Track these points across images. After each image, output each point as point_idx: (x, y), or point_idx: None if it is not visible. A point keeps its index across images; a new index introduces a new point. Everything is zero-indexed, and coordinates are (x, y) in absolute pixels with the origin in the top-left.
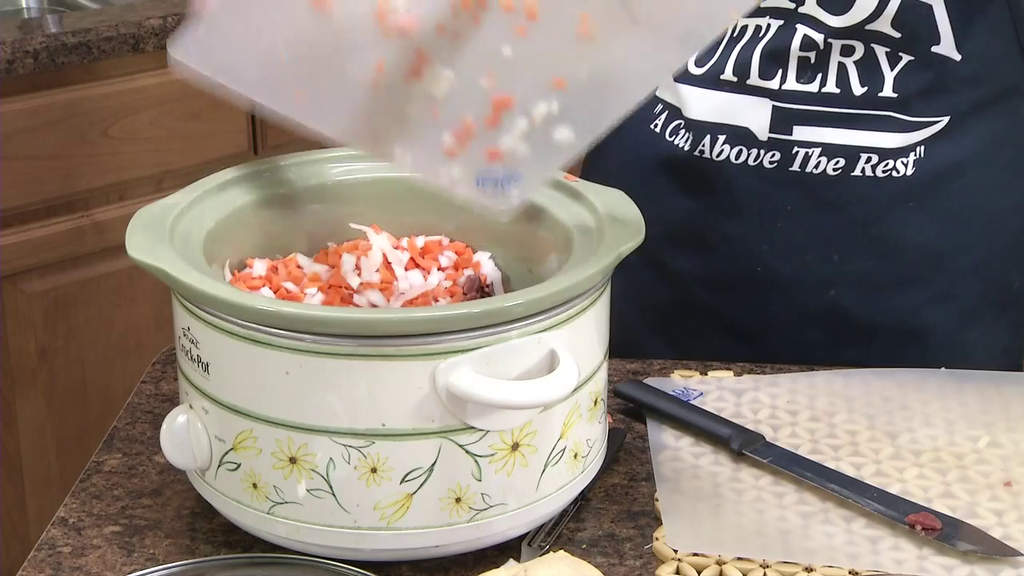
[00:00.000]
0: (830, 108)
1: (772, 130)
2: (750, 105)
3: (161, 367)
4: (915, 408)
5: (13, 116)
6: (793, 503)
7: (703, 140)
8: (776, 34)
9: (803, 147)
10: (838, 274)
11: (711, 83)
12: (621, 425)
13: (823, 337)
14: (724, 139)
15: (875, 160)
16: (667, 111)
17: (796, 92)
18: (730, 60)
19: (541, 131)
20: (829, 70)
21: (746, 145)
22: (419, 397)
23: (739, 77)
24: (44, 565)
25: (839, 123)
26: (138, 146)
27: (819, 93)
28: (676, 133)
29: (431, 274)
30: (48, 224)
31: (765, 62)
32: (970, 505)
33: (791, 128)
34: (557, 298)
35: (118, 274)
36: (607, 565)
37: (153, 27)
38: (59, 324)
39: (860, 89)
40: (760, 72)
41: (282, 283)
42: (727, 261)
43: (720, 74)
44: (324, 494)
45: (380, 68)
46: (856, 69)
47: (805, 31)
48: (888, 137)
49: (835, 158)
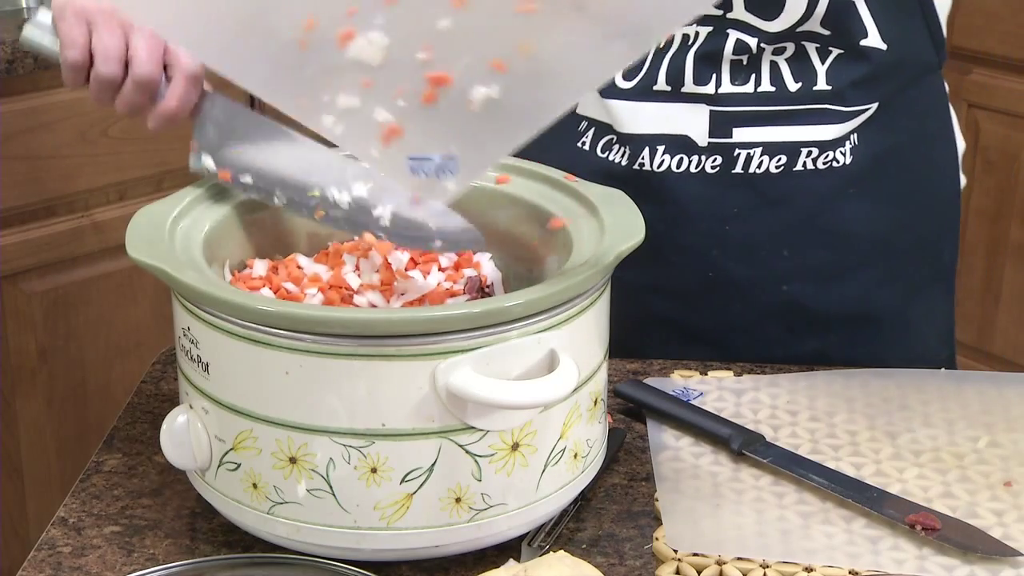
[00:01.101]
0: (767, 107)
1: (712, 135)
2: (687, 112)
3: (161, 367)
4: (915, 408)
5: (13, 116)
6: (793, 503)
7: (642, 153)
8: (707, 40)
9: (744, 148)
10: (790, 269)
11: (644, 95)
12: (621, 425)
13: (781, 333)
14: (664, 149)
15: (815, 153)
16: (594, 127)
17: (732, 95)
18: (661, 70)
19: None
20: (762, 70)
21: (687, 153)
22: (419, 397)
23: (673, 86)
24: (44, 565)
25: (777, 121)
26: (138, 146)
27: (755, 93)
28: (609, 149)
29: (431, 274)
30: (48, 224)
31: (698, 68)
32: (970, 505)
33: (731, 131)
34: (557, 298)
35: (118, 274)
36: (607, 565)
37: None
38: (59, 324)
39: (795, 85)
40: (694, 78)
41: (282, 283)
42: (679, 269)
43: (653, 85)
44: (324, 494)
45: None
46: (789, 67)
47: (737, 36)
48: (825, 129)
49: (776, 155)
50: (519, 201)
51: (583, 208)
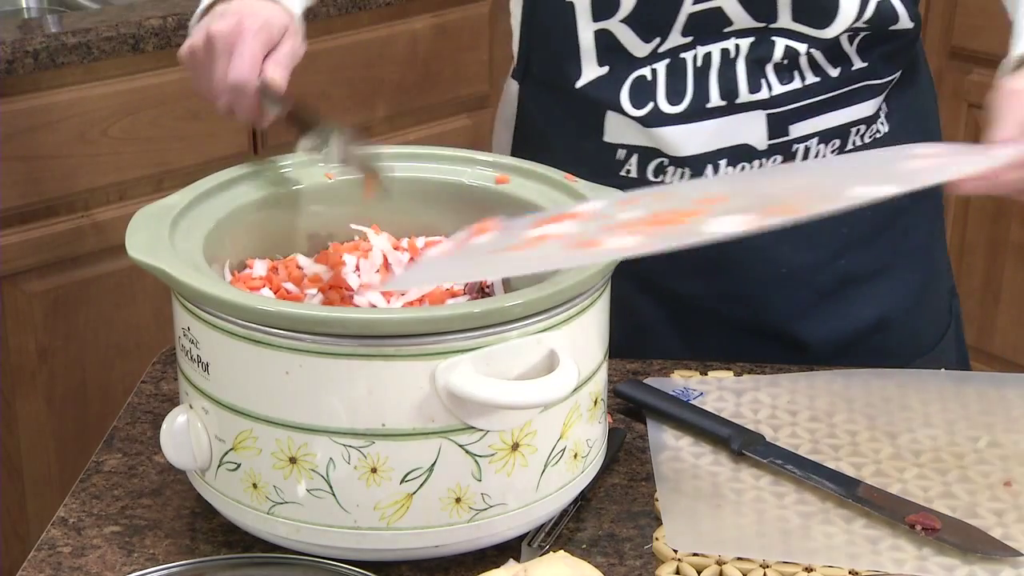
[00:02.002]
0: (816, 98)
1: (771, 137)
2: (744, 122)
3: (161, 367)
4: (915, 408)
5: (13, 116)
6: (793, 503)
7: (704, 171)
8: (751, 50)
9: (801, 142)
10: (845, 243)
11: (697, 115)
12: (621, 425)
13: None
14: (726, 162)
15: (863, 129)
16: (636, 154)
17: (784, 94)
18: (712, 87)
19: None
20: (802, 65)
21: (748, 160)
22: (419, 397)
23: (727, 100)
24: (44, 565)
25: (826, 108)
26: (138, 146)
27: (804, 88)
28: (663, 172)
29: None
30: (48, 224)
31: (749, 78)
32: (970, 505)
33: (787, 129)
34: (557, 298)
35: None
36: (607, 565)
37: (153, 27)
38: (59, 324)
39: (835, 71)
40: (748, 88)
41: (282, 283)
42: (749, 272)
43: (705, 103)
44: (324, 494)
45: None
46: (824, 56)
47: (786, 43)
48: (867, 105)
49: (830, 140)
50: (519, 201)
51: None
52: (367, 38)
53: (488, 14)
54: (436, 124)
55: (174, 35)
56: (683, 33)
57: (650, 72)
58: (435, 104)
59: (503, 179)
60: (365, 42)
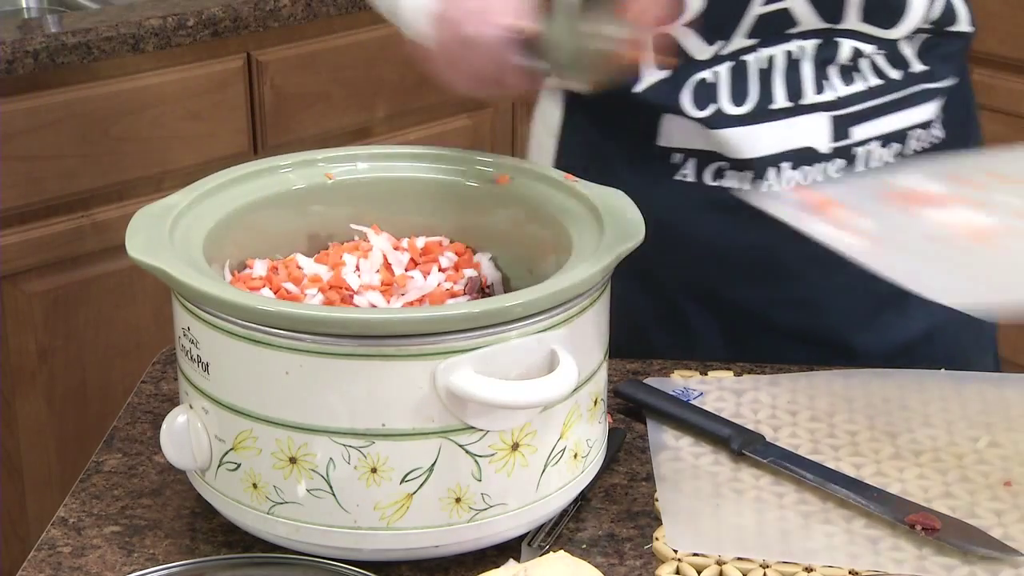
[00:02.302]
0: (877, 100)
1: (833, 140)
2: (808, 124)
3: (161, 367)
4: (915, 408)
5: (13, 116)
6: (793, 503)
7: (766, 174)
8: (816, 53)
9: (862, 145)
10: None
11: (761, 116)
12: (621, 425)
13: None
14: (790, 165)
15: (920, 134)
16: (695, 158)
17: (848, 96)
18: (777, 88)
19: None
20: (863, 67)
21: (810, 163)
22: (419, 397)
23: (793, 101)
24: (44, 565)
25: (887, 111)
26: (138, 146)
27: (868, 90)
28: (722, 176)
29: (431, 275)
30: (48, 224)
31: (816, 80)
32: (970, 505)
33: (849, 132)
34: (557, 298)
35: (118, 274)
36: (607, 565)
37: (153, 27)
38: (59, 324)
39: (895, 74)
40: (814, 89)
41: (282, 283)
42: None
43: (769, 104)
44: (324, 494)
45: None
46: (885, 59)
47: (853, 44)
48: (925, 109)
49: (890, 144)
50: (519, 201)
51: (583, 208)
52: (367, 38)
53: None
54: (436, 124)
55: (174, 35)
56: (747, 35)
57: (712, 75)
58: (435, 104)
59: (503, 179)
60: (365, 42)
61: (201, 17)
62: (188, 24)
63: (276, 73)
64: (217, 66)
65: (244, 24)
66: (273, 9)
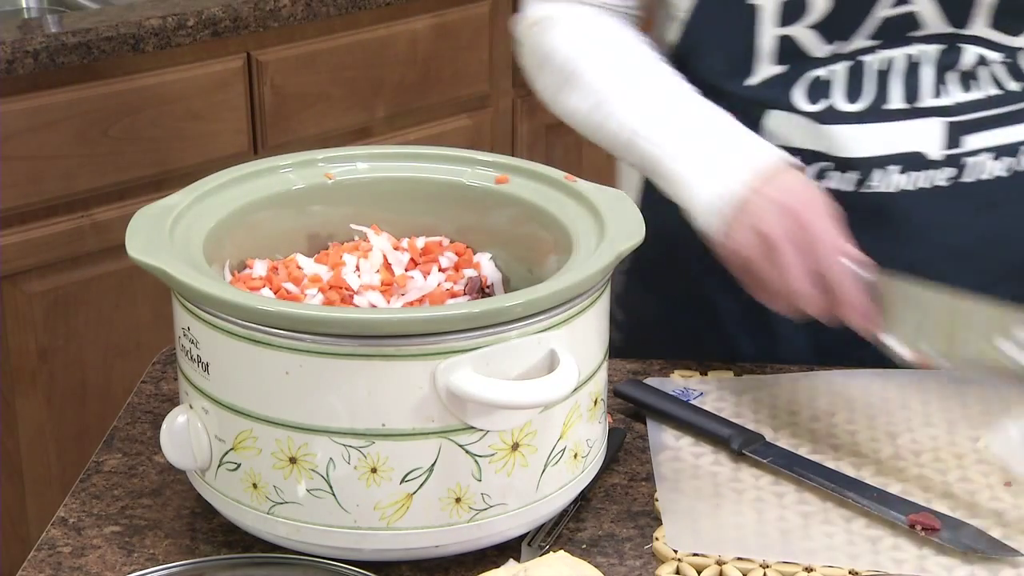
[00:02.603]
0: (994, 111)
1: (945, 147)
2: (921, 127)
3: (161, 367)
4: (915, 408)
5: (13, 116)
6: (793, 503)
7: (872, 176)
8: (940, 57)
9: (973, 155)
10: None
11: (873, 116)
12: (621, 425)
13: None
14: (899, 169)
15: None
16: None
17: (965, 104)
18: (895, 89)
19: None
20: (980, 75)
21: (918, 168)
22: (419, 397)
23: (909, 103)
24: (44, 565)
25: (1003, 122)
26: (138, 146)
27: (986, 99)
28: (825, 177)
29: (431, 275)
30: (48, 224)
31: (935, 84)
32: (970, 505)
33: (961, 140)
34: (557, 298)
35: (118, 274)
36: (607, 565)
37: (153, 27)
38: (59, 324)
39: (1014, 85)
40: (932, 93)
41: (282, 284)
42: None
43: (883, 104)
44: (324, 494)
45: None
46: (1006, 69)
47: (974, 51)
48: None
49: (1001, 157)
50: (519, 201)
51: (583, 208)
52: (367, 38)
53: (488, 14)
54: (436, 124)
55: (174, 35)
56: (869, 37)
57: (827, 72)
58: (435, 104)
59: (503, 179)
60: (365, 42)
61: (201, 17)
62: (188, 24)
63: (276, 73)
64: (217, 66)
65: (244, 24)
66: (273, 9)
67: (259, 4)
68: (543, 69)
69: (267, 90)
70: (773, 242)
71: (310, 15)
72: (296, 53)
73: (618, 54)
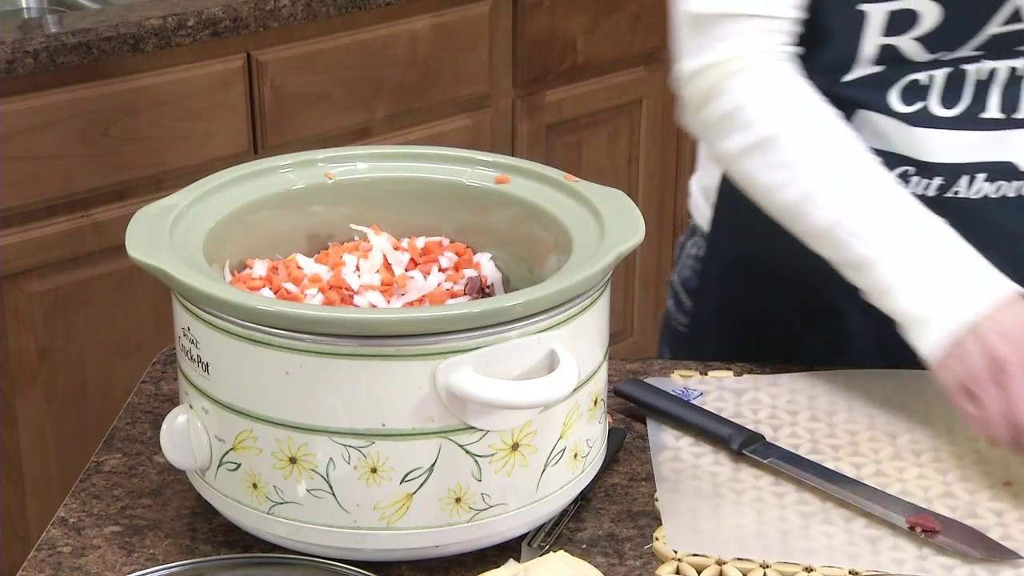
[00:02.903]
0: None
1: None
2: (1016, 139)
3: (161, 367)
4: (915, 408)
5: (13, 116)
6: (793, 503)
7: (957, 182)
8: None
9: None
10: None
11: (968, 123)
12: (621, 425)
13: None
14: (984, 177)
15: None
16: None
17: None
18: (992, 98)
19: None
20: None
21: (1008, 179)
22: (419, 397)
23: (1006, 114)
24: (44, 565)
25: None
26: (138, 146)
27: None
28: (905, 181)
29: (431, 275)
30: (48, 224)
31: None
32: (970, 505)
33: None
34: (557, 298)
35: (118, 274)
36: (607, 565)
37: (153, 27)
38: (59, 324)
39: None
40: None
41: (282, 284)
42: None
43: (980, 112)
44: (324, 494)
45: None
46: None
47: None
48: None
49: None
50: (519, 201)
51: (583, 208)
52: (367, 38)
53: (488, 14)
54: (436, 124)
55: (174, 35)
56: (975, 49)
57: (926, 77)
58: (435, 104)
59: (503, 179)
60: (365, 42)
61: (201, 17)
62: (188, 24)
63: (276, 73)
64: (217, 66)
65: (244, 24)
66: (273, 9)
67: (259, 4)
68: (723, 125)
69: (267, 90)
70: (1004, 365)
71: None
72: (296, 53)
73: (821, 132)
